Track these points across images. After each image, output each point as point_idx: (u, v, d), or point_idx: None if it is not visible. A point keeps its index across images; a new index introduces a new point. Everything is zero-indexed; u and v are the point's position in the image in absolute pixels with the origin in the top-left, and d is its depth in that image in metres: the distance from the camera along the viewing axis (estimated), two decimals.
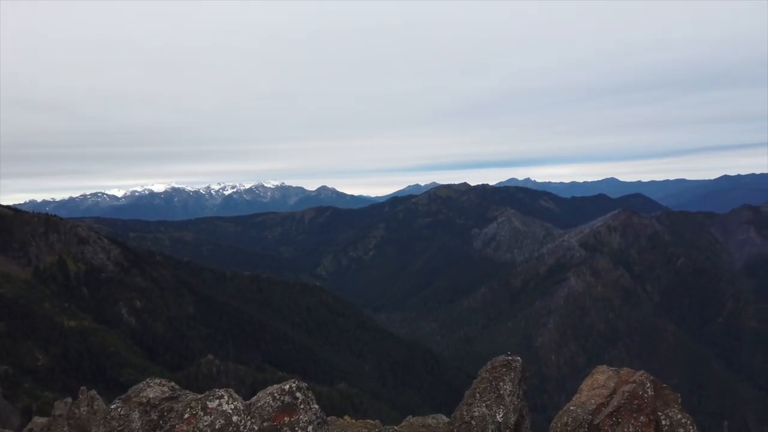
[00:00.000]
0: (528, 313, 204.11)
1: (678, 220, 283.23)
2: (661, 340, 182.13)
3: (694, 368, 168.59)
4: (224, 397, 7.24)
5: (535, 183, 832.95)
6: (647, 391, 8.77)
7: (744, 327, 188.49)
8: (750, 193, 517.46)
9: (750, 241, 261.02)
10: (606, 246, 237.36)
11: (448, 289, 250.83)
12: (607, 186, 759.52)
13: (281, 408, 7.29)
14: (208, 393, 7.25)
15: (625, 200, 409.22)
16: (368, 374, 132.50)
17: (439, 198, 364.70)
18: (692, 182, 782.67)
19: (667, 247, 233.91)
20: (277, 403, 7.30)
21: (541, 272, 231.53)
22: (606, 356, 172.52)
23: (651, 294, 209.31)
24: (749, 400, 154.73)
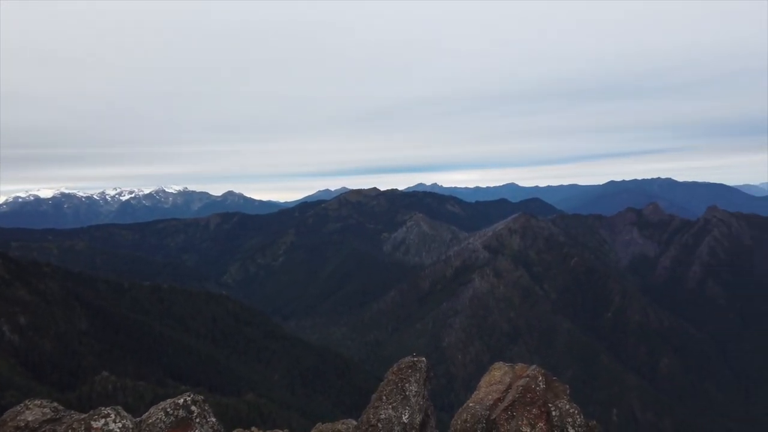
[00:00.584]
0: (436, 315, 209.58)
1: (571, 223, 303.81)
2: (557, 336, 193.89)
3: (586, 361, 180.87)
4: (111, 415, 6.79)
5: (442, 188, 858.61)
6: (539, 385, 9.36)
7: (629, 321, 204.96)
8: (633, 197, 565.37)
9: (633, 242, 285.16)
10: (507, 248, 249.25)
11: (358, 293, 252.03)
12: (508, 191, 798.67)
13: (175, 423, 6.97)
14: (93, 412, 6.77)
15: (525, 204, 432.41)
16: (277, 383, 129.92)
17: (349, 203, 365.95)
18: (584, 187, 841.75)
19: (562, 247, 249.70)
20: (170, 419, 6.96)
21: (448, 274, 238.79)
22: (508, 353, 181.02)
23: (548, 292, 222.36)
24: (634, 387, 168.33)
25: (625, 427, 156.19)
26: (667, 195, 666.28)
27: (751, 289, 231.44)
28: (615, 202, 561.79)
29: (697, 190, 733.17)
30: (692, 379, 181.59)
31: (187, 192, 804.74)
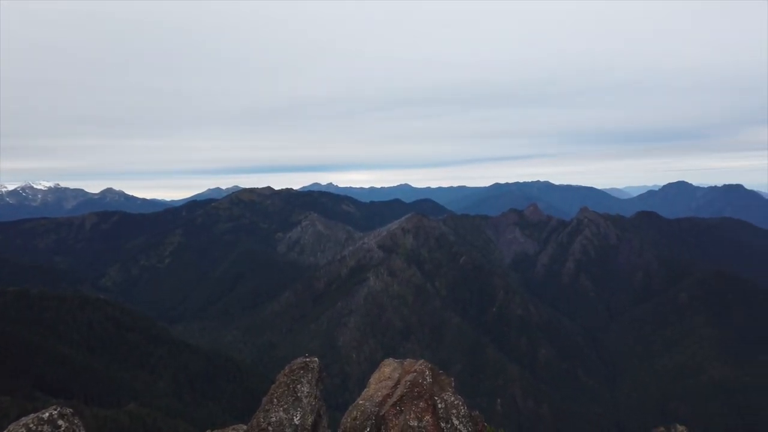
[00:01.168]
0: (330, 314, 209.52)
1: (460, 223, 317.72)
2: (447, 331, 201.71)
3: (473, 354, 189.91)
4: None
5: (338, 188, 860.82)
6: (426, 379, 9.77)
7: (512, 315, 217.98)
8: (516, 199, 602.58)
9: (516, 240, 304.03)
10: (401, 247, 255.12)
11: (251, 294, 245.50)
12: (401, 191, 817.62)
13: None
14: None
15: (417, 204, 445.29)
16: (163, 391, 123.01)
17: (242, 202, 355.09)
18: (471, 189, 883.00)
19: (452, 246, 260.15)
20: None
21: (343, 274, 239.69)
22: (401, 350, 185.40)
23: (439, 289, 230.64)
24: (517, 378, 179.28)
25: (508, 415, 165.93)
26: (545, 197, 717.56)
27: (616, 283, 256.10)
28: (499, 203, 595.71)
29: (571, 193, 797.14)
30: (567, 367, 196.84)
31: (59, 189, 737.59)
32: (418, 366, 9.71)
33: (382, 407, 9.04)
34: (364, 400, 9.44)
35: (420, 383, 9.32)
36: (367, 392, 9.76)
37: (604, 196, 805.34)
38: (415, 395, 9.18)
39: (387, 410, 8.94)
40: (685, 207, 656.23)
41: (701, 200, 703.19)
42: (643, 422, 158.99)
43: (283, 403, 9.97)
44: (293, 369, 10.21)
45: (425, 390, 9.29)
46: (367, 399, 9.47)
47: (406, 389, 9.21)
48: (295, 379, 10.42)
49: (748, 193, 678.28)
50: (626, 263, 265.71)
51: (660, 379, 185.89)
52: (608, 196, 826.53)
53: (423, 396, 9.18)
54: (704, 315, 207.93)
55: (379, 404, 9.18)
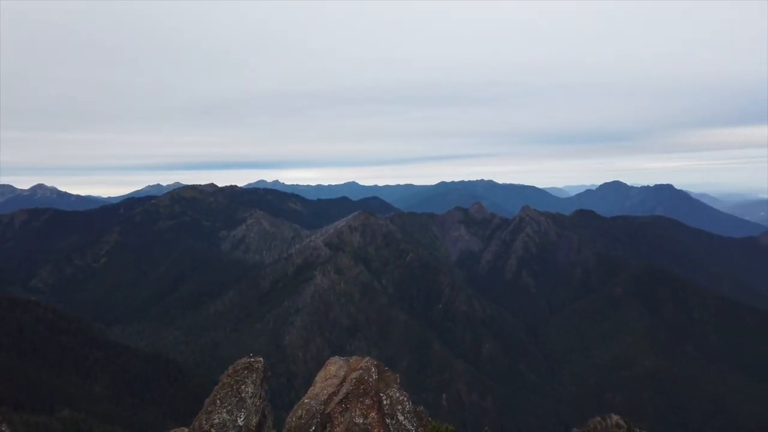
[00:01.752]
0: (276, 313, 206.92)
1: (407, 221, 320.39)
2: (394, 328, 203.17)
3: (420, 350, 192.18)
4: None
5: (284, 185, 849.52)
6: (372, 376, 9.82)
7: (457, 311, 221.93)
8: (461, 197, 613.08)
9: (461, 238, 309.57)
10: (348, 245, 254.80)
11: (193, 294, 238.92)
12: (348, 189, 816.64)
13: None
14: None
15: (365, 203, 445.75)
16: (99, 395, 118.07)
17: (183, 199, 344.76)
18: (418, 187, 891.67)
19: (399, 244, 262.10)
20: None
21: (290, 272, 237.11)
22: (348, 347, 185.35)
23: (386, 287, 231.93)
24: (462, 373, 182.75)
25: (454, 410, 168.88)
26: (489, 195, 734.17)
27: (556, 279, 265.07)
28: (445, 201, 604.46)
29: (513, 192, 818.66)
30: (509, 361, 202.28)
31: None
32: (363, 363, 9.75)
33: (328, 405, 9.02)
34: (310, 399, 9.38)
35: (366, 380, 9.35)
36: (312, 391, 9.71)
37: (544, 195, 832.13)
38: (361, 392, 9.21)
39: (332, 408, 8.93)
40: (619, 206, 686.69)
41: (635, 199, 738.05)
42: (582, 413, 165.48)
43: (227, 404, 9.78)
44: (237, 369, 10.02)
45: (371, 387, 9.33)
46: (312, 397, 9.41)
47: (351, 387, 9.23)
48: (239, 379, 10.23)
49: (678, 192, 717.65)
50: (565, 260, 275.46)
51: (597, 371, 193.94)
52: (549, 195, 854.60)
53: (368, 393, 9.21)
54: (637, 309, 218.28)
55: (324, 402, 9.15)
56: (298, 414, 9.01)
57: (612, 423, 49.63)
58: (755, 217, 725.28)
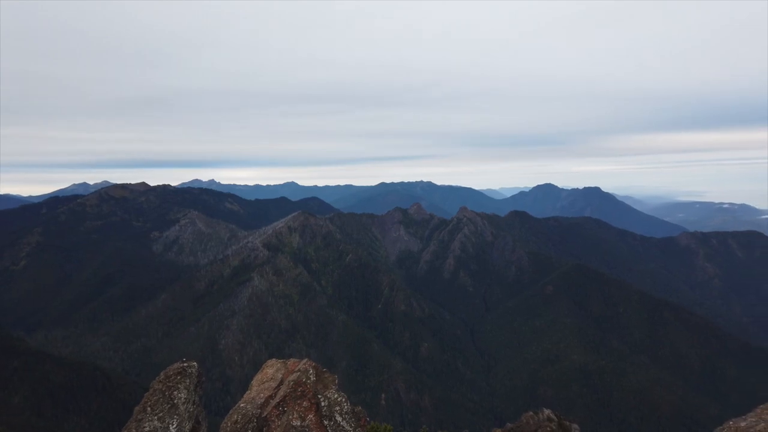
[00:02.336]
0: (212, 316, 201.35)
1: (347, 221, 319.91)
2: (333, 329, 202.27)
3: (359, 350, 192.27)
4: None
5: (220, 185, 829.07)
6: (310, 378, 9.74)
7: (396, 310, 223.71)
8: (401, 198, 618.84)
9: (400, 238, 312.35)
10: (287, 246, 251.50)
11: (123, 298, 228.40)
12: (288, 189, 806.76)
13: None
14: None
15: (304, 203, 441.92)
16: (19, 407, 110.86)
17: (112, 199, 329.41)
18: (358, 188, 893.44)
19: (339, 244, 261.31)
20: None
21: (226, 274, 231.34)
22: (287, 350, 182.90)
23: (325, 288, 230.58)
24: (400, 372, 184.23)
25: (392, 408, 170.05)
26: (428, 196, 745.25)
27: (491, 278, 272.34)
28: (385, 202, 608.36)
29: (452, 193, 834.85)
30: (447, 359, 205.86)
31: None
32: (301, 365, 9.64)
33: (265, 409, 8.86)
34: (246, 403, 9.17)
35: (303, 382, 9.26)
36: (248, 394, 9.50)
37: (481, 197, 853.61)
38: (298, 395, 9.11)
39: (269, 411, 8.77)
40: (551, 207, 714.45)
41: (565, 201, 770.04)
42: (516, 407, 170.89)
43: (158, 411, 9.42)
44: (169, 375, 9.67)
45: (308, 389, 9.25)
46: (248, 401, 9.21)
47: (289, 389, 9.11)
48: (171, 385, 9.88)
49: (605, 195, 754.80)
50: (501, 259, 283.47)
51: (529, 366, 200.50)
52: (485, 197, 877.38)
53: (306, 395, 9.13)
54: (567, 306, 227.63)
55: (261, 406, 8.98)
56: (234, 419, 8.78)
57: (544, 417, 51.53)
58: (674, 218, 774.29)
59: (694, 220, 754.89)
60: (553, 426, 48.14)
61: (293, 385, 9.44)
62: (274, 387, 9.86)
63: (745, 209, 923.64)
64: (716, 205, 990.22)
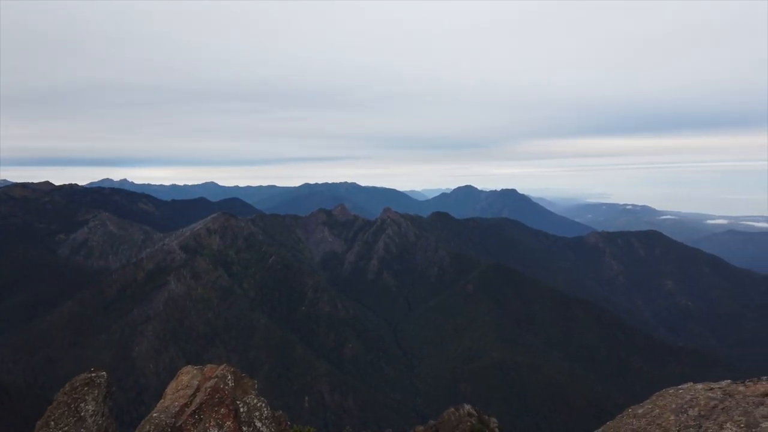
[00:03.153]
0: (124, 323, 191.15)
1: (270, 222, 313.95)
2: (255, 332, 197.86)
3: (282, 354, 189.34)
4: None
5: (134, 185, 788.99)
6: (228, 383, 9.45)
7: (320, 312, 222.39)
8: (325, 199, 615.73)
9: (325, 240, 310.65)
10: (206, 248, 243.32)
11: (24, 306, 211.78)
12: (207, 190, 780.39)
13: None
14: None
15: (225, 204, 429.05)
16: None
17: (12, 199, 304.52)
18: (281, 188, 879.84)
19: (261, 246, 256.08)
20: None
21: (140, 278, 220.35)
22: (206, 355, 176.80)
23: (247, 291, 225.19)
24: (324, 374, 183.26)
25: (316, 411, 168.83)
26: (352, 197, 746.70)
27: (414, 278, 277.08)
28: (309, 203, 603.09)
29: (376, 194, 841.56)
30: (371, 359, 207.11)
31: None
32: (219, 371, 9.33)
33: (179, 417, 8.50)
34: (159, 412, 8.76)
35: (221, 389, 8.97)
36: (162, 403, 9.07)
37: (404, 198, 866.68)
38: (216, 401, 8.81)
39: (184, 420, 8.43)
40: (471, 208, 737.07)
41: (484, 203, 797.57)
42: (438, 405, 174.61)
43: (63, 424, 8.82)
44: (75, 386, 9.06)
45: (227, 395, 8.98)
46: (162, 411, 8.80)
47: (206, 396, 8.79)
48: (77, 397, 9.27)
49: (521, 196, 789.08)
50: (423, 259, 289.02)
51: (451, 363, 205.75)
52: (408, 198, 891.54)
53: (224, 401, 8.85)
54: (486, 304, 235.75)
55: (175, 415, 8.60)
56: (146, 429, 8.36)
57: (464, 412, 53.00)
58: (584, 219, 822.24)
59: (602, 221, 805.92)
60: (473, 421, 49.65)
61: (210, 392, 9.13)
62: (190, 394, 9.50)
63: (646, 210, 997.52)
64: (621, 206, 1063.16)
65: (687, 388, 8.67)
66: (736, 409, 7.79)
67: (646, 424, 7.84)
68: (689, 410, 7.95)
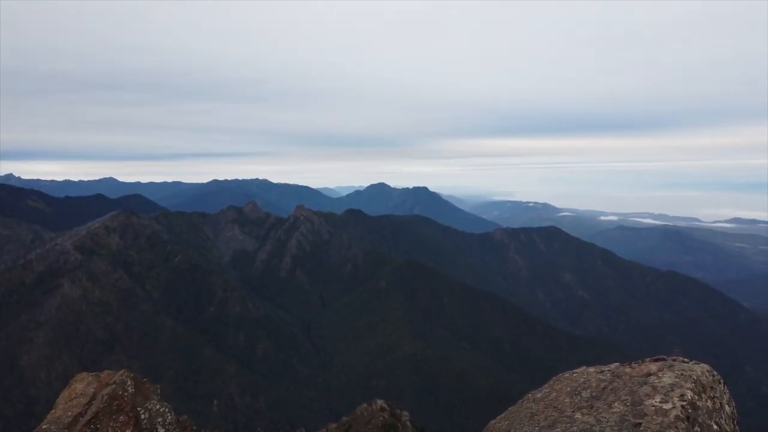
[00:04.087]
0: (12, 330, 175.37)
1: (175, 221, 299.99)
2: (159, 336, 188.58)
3: (189, 357, 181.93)
4: None
5: (21, 180, 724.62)
6: (127, 390, 8.91)
7: (230, 312, 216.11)
8: (235, 196, 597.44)
9: (235, 238, 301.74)
10: (104, 248, 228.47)
11: None
12: (105, 186, 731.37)
13: None
14: None
15: (125, 201, 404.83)
16: None
17: None
18: (188, 185, 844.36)
19: (166, 246, 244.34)
20: None
21: (29, 281, 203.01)
22: (104, 362, 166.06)
23: (150, 292, 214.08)
24: (234, 375, 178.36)
25: (226, 414, 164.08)
26: (264, 194, 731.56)
27: (328, 275, 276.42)
28: (218, 200, 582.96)
29: (288, 191, 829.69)
30: (283, 358, 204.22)
31: None
32: (117, 377, 8.77)
33: (73, 428, 7.90)
34: (49, 424, 8.10)
35: (120, 395, 8.44)
36: (53, 414, 8.39)
37: (317, 195, 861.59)
38: (114, 409, 8.28)
39: (79, 430, 7.87)
40: (384, 206, 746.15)
41: (397, 200, 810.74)
42: (351, 401, 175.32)
43: None
44: None
45: (126, 402, 8.46)
46: (53, 422, 8.14)
47: (102, 404, 8.23)
48: None
49: (431, 194, 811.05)
50: (337, 256, 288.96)
51: (364, 359, 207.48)
52: (321, 195, 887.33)
53: (123, 409, 8.34)
54: (398, 299, 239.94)
55: (68, 425, 7.99)
56: None
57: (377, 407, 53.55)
58: (490, 216, 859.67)
59: (507, 217, 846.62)
60: (385, 415, 50.36)
61: (108, 399, 8.57)
62: (85, 403, 8.87)
63: (547, 208, 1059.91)
64: (524, 204, 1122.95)
65: (581, 372, 9.31)
66: (623, 389, 8.47)
67: (543, 407, 8.34)
68: (582, 392, 8.54)
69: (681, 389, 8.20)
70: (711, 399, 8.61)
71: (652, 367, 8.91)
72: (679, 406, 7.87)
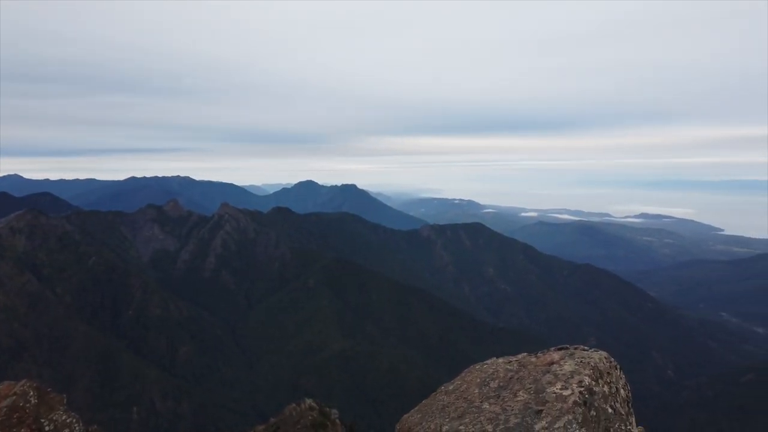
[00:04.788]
0: None
1: (89, 220, 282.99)
2: (72, 342, 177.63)
3: (106, 363, 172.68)
4: None
5: None
6: (30, 401, 8.43)
7: (151, 315, 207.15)
8: (155, 194, 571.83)
9: (155, 237, 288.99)
10: (10, 250, 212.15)
11: None
12: (9, 184, 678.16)
13: None
14: None
15: (32, 199, 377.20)
16: None
17: None
18: (102, 182, 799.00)
19: (78, 246, 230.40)
20: None
21: None
22: (11, 372, 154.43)
23: (61, 296, 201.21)
24: (156, 380, 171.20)
25: (147, 421, 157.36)
26: (186, 192, 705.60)
27: (255, 274, 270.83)
28: (136, 198, 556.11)
29: (212, 189, 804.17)
30: (207, 361, 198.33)
31: None
32: (18, 388, 8.29)
33: None
34: None
35: (21, 407, 7.99)
36: None
37: (243, 193, 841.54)
38: (15, 422, 7.84)
39: None
40: (312, 203, 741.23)
41: (325, 197, 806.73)
42: (279, 401, 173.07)
43: None
44: None
45: (28, 414, 8.03)
46: None
47: (2, 416, 7.79)
48: None
49: (360, 191, 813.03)
50: (264, 255, 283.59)
51: (292, 358, 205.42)
52: (247, 193, 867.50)
53: (25, 421, 7.91)
54: (327, 297, 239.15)
55: None
56: None
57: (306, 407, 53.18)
58: (417, 213, 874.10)
59: (433, 214, 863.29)
60: (314, 414, 50.15)
61: (7, 412, 8.11)
62: None
63: (472, 204, 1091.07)
64: (450, 201, 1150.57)
65: (491, 363, 9.83)
66: (528, 378, 9.04)
67: (454, 399, 8.75)
68: (491, 382, 9.04)
69: (580, 376, 8.86)
70: (607, 384, 9.34)
71: (555, 356, 9.56)
72: (577, 392, 8.50)
